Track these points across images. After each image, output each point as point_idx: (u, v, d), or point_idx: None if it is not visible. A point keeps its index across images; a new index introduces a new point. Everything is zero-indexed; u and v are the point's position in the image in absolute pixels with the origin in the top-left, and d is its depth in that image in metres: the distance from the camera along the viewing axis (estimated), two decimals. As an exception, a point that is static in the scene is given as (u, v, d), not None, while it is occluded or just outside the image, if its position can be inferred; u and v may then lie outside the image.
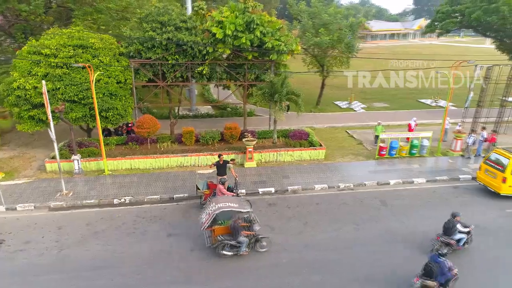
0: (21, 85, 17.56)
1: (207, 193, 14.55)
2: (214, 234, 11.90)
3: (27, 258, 11.86)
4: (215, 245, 11.86)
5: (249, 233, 11.85)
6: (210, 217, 11.58)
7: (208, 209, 12.03)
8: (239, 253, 11.77)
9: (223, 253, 11.75)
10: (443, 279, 9.66)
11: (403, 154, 20.54)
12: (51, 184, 16.76)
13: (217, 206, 11.76)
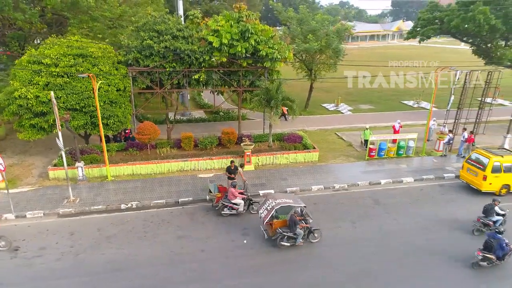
0: (23, 94, 17.85)
1: (219, 196, 15.35)
2: (273, 228, 13.18)
3: (45, 263, 12.36)
4: (275, 237, 13.10)
5: (304, 226, 13.16)
6: (270, 213, 12.86)
7: (266, 205, 13.31)
8: (296, 243, 13.07)
9: (282, 243, 13.02)
10: (500, 253, 11.67)
11: (391, 155, 21.81)
12: (56, 191, 17.16)
13: (276, 202, 13.06)
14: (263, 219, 13.11)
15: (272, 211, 12.83)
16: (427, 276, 11.92)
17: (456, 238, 13.94)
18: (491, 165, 16.75)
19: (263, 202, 13.62)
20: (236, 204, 14.82)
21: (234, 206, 14.87)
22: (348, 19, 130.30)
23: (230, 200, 14.81)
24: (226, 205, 14.88)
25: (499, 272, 12.05)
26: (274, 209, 12.84)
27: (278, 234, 12.97)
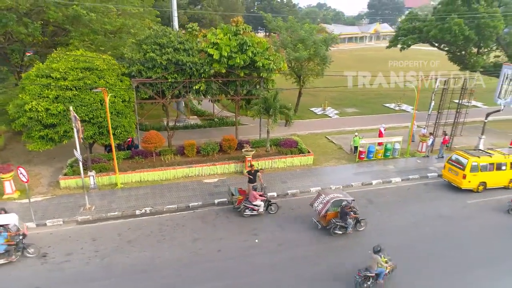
0: (34, 107, 18.59)
1: (241, 198, 16.77)
2: (327, 219, 15.34)
3: (75, 267, 13.36)
4: (329, 227, 15.22)
5: (354, 216, 15.14)
6: (326, 206, 14.99)
7: (319, 200, 15.52)
8: (346, 232, 15.19)
9: (336, 232, 15.16)
10: None
11: (379, 157, 23.63)
12: (71, 200, 18.03)
13: (329, 196, 15.34)
14: (319, 211, 15.25)
15: (327, 205, 14.98)
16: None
17: (441, 229, 15.77)
18: (469, 165, 18.74)
19: (316, 197, 15.85)
20: (257, 206, 16.51)
21: (255, 208, 16.48)
22: (326, 22, 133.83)
23: (252, 202, 16.38)
24: (248, 207, 16.47)
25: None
26: (329, 202, 15.06)
27: (332, 224, 15.14)
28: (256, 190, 16.73)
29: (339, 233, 15.18)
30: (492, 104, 32.50)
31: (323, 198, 15.44)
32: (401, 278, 12.89)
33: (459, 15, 26.67)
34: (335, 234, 15.16)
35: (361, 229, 15.71)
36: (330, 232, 15.18)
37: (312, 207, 15.72)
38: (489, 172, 19.02)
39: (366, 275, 12.04)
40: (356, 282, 12.15)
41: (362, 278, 12.05)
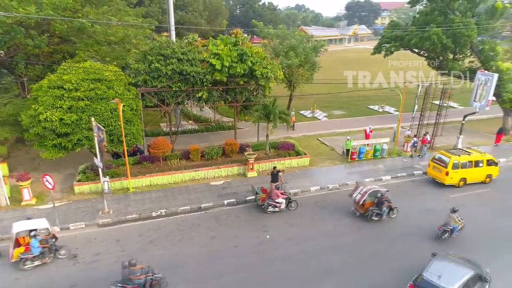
0: (48, 117, 19.55)
1: (264, 197, 18.48)
2: (364, 207, 17.60)
3: (107, 266, 14.57)
4: (366, 214, 17.66)
5: (389, 205, 17.68)
6: (364, 196, 17.36)
7: (358, 190, 17.85)
8: (381, 218, 17.73)
9: (372, 218, 17.68)
10: None
11: (369, 157, 25.63)
12: (88, 204, 19.10)
13: (367, 188, 17.74)
14: (357, 201, 17.62)
15: (365, 195, 17.30)
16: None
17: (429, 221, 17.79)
18: (451, 163, 20.92)
19: (355, 189, 18.17)
20: (279, 203, 18.38)
21: (277, 205, 18.36)
22: (306, 24, 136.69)
23: (274, 199, 18.15)
24: (271, 204, 18.31)
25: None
26: (367, 193, 17.37)
27: (369, 211, 17.56)
28: (279, 189, 18.49)
29: (375, 219, 17.73)
30: (467, 105, 35.32)
31: (361, 189, 17.82)
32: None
33: (437, 25, 29.05)
34: (371, 220, 17.71)
35: (393, 216, 18.16)
36: (368, 218, 17.69)
37: (351, 197, 18.07)
38: (469, 169, 21.26)
39: (444, 229, 15.96)
40: (437, 234, 16.22)
41: (441, 232, 16.03)
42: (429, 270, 12.53)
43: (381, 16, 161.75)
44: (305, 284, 13.82)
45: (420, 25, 30.73)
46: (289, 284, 13.83)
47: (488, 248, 15.91)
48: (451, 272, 12.34)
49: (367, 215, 17.67)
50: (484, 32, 30.18)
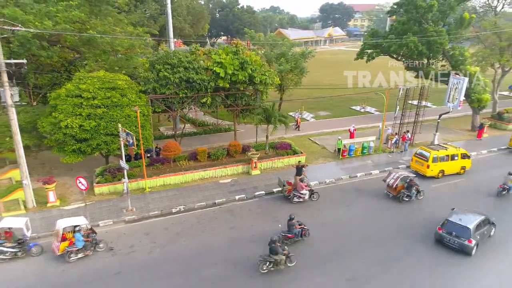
0: (69, 124, 21.03)
1: (290, 188, 20.97)
2: (397, 190, 21.10)
3: (141, 256, 16.41)
4: (398, 195, 21.08)
5: (417, 188, 21.09)
6: (396, 180, 20.87)
7: (391, 176, 21.27)
8: (411, 199, 21.07)
9: (403, 199, 21.08)
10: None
11: (358, 154, 28.38)
12: (110, 204, 20.74)
13: (399, 173, 21.24)
14: (391, 185, 21.06)
15: (398, 180, 20.81)
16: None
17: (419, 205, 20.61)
18: (431, 157, 23.91)
19: (388, 175, 21.62)
20: (303, 194, 20.95)
21: (301, 195, 20.94)
22: (283, 26, 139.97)
23: (299, 191, 20.60)
24: (296, 195, 20.91)
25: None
26: (399, 178, 20.84)
27: (401, 193, 21.08)
28: (303, 181, 20.92)
29: (406, 200, 21.16)
30: (439, 104, 38.92)
31: (393, 175, 21.21)
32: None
33: (414, 33, 32.25)
34: (403, 201, 21.13)
35: (420, 198, 21.46)
36: (400, 199, 21.12)
37: (385, 182, 21.46)
38: (446, 162, 24.32)
39: (503, 187, 21.02)
40: (498, 191, 21.40)
41: (501, 189, 21.16)
42: (452, 217, 17.29)
43: (354, 18, 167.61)
44: (330, 257, 16.17)
45: (398, 33, 33.89)
46: (305, 260, 16.11)
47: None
48: (468, 217, 17.24)
49: (399, 197, 21.15)
50: (454, 40, 33.63)
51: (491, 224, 17.85)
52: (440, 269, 15.88)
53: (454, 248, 16.82)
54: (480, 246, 16.88)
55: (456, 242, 16.65)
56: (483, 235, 17.20)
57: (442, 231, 17.20)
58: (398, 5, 34.63)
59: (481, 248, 16.98)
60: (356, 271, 15.63)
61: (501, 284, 15.23)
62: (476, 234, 16.61)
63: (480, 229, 16.97)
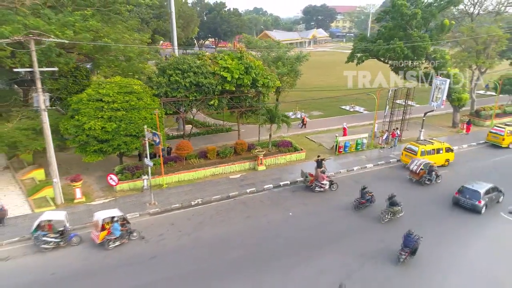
0: (92, 126, 22.73)
1: (312, 179, 23.46)
2: (419, 175, 24.42)
3: (171, 243, 18.37)
4: (421, 180, 24.60)
5: (436, 173, 24.63)
6: (419, 167, 24.36)
7: (414, 163, 24.77)
8: (431, 183, 24.54)
9: (425, 182, 24.64)
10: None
11: (352, 150, 30.95)
12: (132, 199, 22.56)
13: (421, 161, 24.71)
14: (414, 170, 24.52)
15: (420, 166, 24.36)
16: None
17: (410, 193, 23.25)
18: (419, 151, 26.66)
19: (411, 162, 25.04)
20: (324, 184, 23.59)
21: (322, 185, 23.58)
22: (267, 28, 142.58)
23: (320, 181, 23.03)
24: (317, 185, 23.57)
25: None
26: (422, 164, 24.45)
27: (423, 178, 24.59)
28: (324, 173, 23.39)
29: (427, 183, 24.57)
30: (422, 103, 42.04)
31: (416, 162, 24.76)
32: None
33: (399, 39, 35.10)
34: (425, 184, 24.61)
35: (439, 182, 24.80)
36: (422, 183, 24.64)
37: (409, 169, 25.00)
38: (432, 155, 27.11)
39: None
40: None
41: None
42: (466, 184, 21.96)
43: (336, 19, 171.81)
44: (337, 237, 18.51)
45: (385, 38, 36.71)
46: (318, 241, 18.40)
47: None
48: (479, 184, 21.85)
49: (421, 181, 24.70)
50: (436, 44, 36.69)
51: (499, 192, 22.24)
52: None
53: (467, 208, 21.46)
54: (488, 207, 21.46)
55: (469, 203, 21.25)
56: (492, 199, 21.71)
57: (458, 195, 21.85)
58: (384, 12, 37.51)
59: (489, 209, 21.55)
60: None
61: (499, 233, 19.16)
62: (485, 197, 21.15)
63: (489, 194, 21.51)
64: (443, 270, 16.63)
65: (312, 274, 16.29)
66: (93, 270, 16.41)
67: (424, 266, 16.83)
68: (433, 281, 16.01)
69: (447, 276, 16.25)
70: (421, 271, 16.55)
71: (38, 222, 17.49)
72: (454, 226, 20.16)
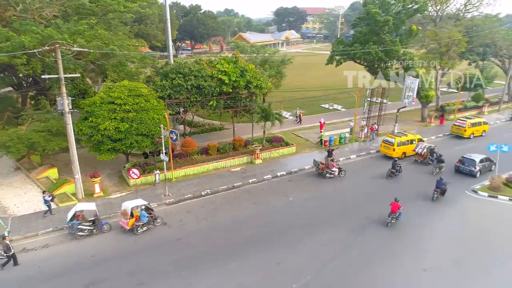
0: (107, 127, 24.82)
1: (323, 167, 26.67)
2: (424, 156, 29.64)
3: (192, 227, 20.94)
4: (425, 160, 29.67)
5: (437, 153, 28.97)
6: (423, 149, 29.68)
7: (419, 147, 30.05)
8: (433, 163, 29.00)
9: (428, 162, 29.42)
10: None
11: (337, 143, 34.45)
12: (147, 192, 24.86)
13: (425, 145, 30.11)
14: (420, 152, 29.86)
15: (424, 149, 29.42)
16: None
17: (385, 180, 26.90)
18: (396, 142, 30.49)
19: (416, 146, 30.33)
20: (333, 171, 27.13)
21: (332, 172, 27.08)
22: (241, 29, 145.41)
23: (330, 169, 26.26)
24: (328, 172, 27.06)
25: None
26: (425, 147, 29.55)
27: (427, 159, 29.57)
28: (333, 161, 26.70)
29: (430, 163, 29.34)
30: (394, 100, 46.36)
31: (421, 146, 30.11)
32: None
33: (374, 43, 39.05)
34: (428, 164, 29.45)
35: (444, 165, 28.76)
36: (425, 163, 29.69)
37: (415, 151, 30.14)
38: (406, 145, 31.03)
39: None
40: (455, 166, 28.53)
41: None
42: (465, 155, 28.26)
43: (307, 21, 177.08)
44: (332, 217, 21.69)
45: (361, 42, 40.59)
46: (316, 220, 21.53)
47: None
48: (475, 155, 27.95)
49: (425, 161, 29.74)
50: (405, 47, 40.97)
51: (491, 162, 27.95)
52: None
53: (465, 173, 27.69)
54: (482, 173, 27.57)
55: (467, 169, 27.53)
56: (485, 166, 27.83)
57: (459, 164, 28.09)
58: (360, 19, 41.39)
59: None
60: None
61: (465, 206, 24.05)
62: (479, 164, 27.32)
63: (483, 163, 27.62)
64: (425, 234, 20.20)
65: (315, 246, 19.37)
66: (128, 252, 18.75)
67: (409, 230, 20.38)
68: (417, 242, 19.50)
69: (426, 238, 19.81)
70: (406, 234, 20.04)
71: (73, 212, 19.61)
72: (433, 203, 23.86)
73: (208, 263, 17.77)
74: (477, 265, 17.81)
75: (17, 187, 25.55)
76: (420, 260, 18.14)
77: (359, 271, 17.35)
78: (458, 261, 18.07)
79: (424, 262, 17.92)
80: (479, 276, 17.10)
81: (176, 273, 17.06)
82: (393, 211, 20.50)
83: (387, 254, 18.66)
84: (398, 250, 19.03)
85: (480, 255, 18.57)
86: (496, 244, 19.49)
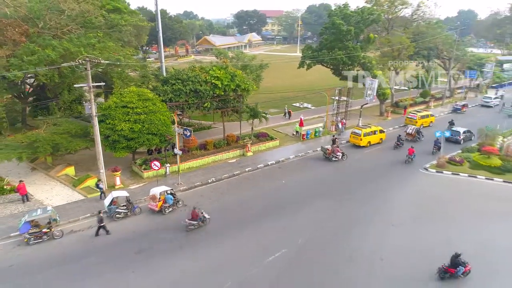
0: (123, 127, 28.61)
1: (329, 152, 32.15)
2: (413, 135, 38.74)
3: (209, 206, 25.36)
4: (414, 139, 38.47)
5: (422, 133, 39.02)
6: (413, 130, 39.02)
7: (409, 128, 39.46)
8: (420, 140, 38.77)
9: (417, 140, 38.51)
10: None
11: (312, 136, 40.14)
12: (161, 182, 28.85)
13: (413, 127, 39.64)
14: (409, 133, 38.65)
15: (414, 129, 38.40)
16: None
17: (360, 164, 32.82)
18: (363, 133, 36.70)
19: (407, 127, 39.68)
20: (337, 155, 33.20)
21: (336, 156, 33.01)
22: (203, 32, 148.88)
23: (335, 153, 31.49)
24: (333, 156, 32.72)
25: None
26: (414, 129, 38.44)
27: (416, 137, 38.13)
28: (338, 147, 32.23)
29: (418, 140, 38.05)
30: (356, 98, 53.11)
31: (410, 127, 39.15)
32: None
33: (339, 48, 45.28)
34: (417, 141, 38.10)
35: (423, 139, 37.77)
36: (415, 139, 38.11)
37: (405, 131, 38.61)
38: (371, 136, 37.33)
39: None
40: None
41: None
42: (453, 128, 39.79)
43: (267, 23, 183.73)
44: (320, 193, 27.02)
45: (327, 48, 46.73)
46: (307, 196, 26.80)
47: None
48: (460, 128, 39.23)
49: (415, 140, 38.05)
50: (365, 52, 47.65)
51: (471, 133, 38.79)
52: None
53: (453, 141, 37.87)
54: (465, 141, 38.27)
55: (454, 138, 37.79)
56: (467, 136, 38.60)
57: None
58: (325, 28, 47.48)
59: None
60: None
61: (419, 180, 29.22)
62: (462, 134, 38.01)
63: (466, 134, 38.42)
64: (390, 198, 26.19)
65: (310, 213, 24.68)
66: (161, 227, 22.99)
67: (375, 200, 26.29)
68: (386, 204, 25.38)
69: (391, 202, 25.77)
70: (377, 197, 25.91)
71: (111, 199, 23.50)
72: (394, 175, 30.05)
73: (230, 231, 22.52)
74: (430, 220, 23.96)
75: (41, 184, 28.63)
76: (388, 218, 24.02)
77: (346, 228, 22.88)
78: (416, 218, 24.14)
79: (392, 220, 23.81)
80: (431, 227, 23.20)
81: (207, 237, 21.67)
82: (410, 154, 32.04)
83: (362, 215, 24.39)
84: (370, 212, 24.83)
85: (431, 212, 24.80)
86: (442, 204, 25.88)
